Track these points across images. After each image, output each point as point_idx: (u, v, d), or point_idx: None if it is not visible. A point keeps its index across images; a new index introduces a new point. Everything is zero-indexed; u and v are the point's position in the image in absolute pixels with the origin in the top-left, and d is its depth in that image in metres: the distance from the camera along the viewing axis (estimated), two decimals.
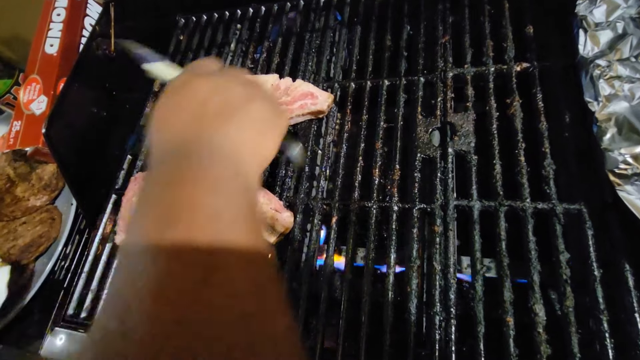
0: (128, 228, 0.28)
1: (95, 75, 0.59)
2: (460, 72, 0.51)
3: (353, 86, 0.56)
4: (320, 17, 0.65)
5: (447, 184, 0.45)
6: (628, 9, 0.40)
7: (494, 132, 0.45)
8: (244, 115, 0.29)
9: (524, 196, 0.41)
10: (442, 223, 0.43)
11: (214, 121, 0.28)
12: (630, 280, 0.35)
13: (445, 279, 0.40)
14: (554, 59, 0.47)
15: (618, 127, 0.37)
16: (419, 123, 0.49)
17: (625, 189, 0.35)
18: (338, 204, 0.48)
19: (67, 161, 0.54)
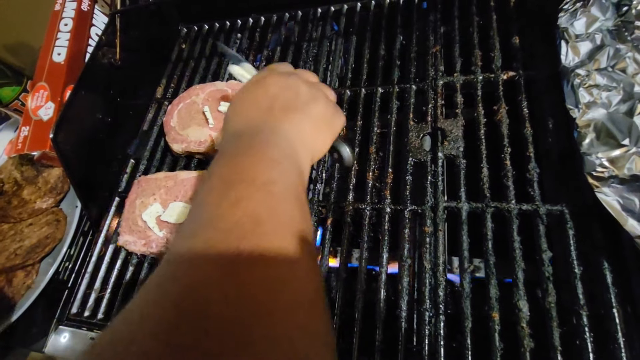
0: (195, 190, 0.34)
1: (101, 83, 0.61)
2: (450, 80, 0.53)
3: (348, 93, 0.58)
4: (317, 27, 0.67)
5: (437, 187, 0.47)
6: (605, 21, 0.43)
7: (482, 137, 0.47)
8: (305, 111, 0.34)
9: (510, 198, 0.43)
10: (432, 224, 0.45)
11: (280, 113, 0.33)
12: (609, 277, 0.37)
13: (434, 277, 0.42)
14: (539, 68, 0.49)
15: (596, 133, 0.39)
16: (410, 129, 0.51)
17: (603, 191, 0.37)
18: (333, 206, 0.50)
19: (73, 165, 0.56)
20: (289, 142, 0.31)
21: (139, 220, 0.55)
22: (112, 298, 0.55)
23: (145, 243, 0.53)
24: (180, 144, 0.60)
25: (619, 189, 0.37)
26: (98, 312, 0.53)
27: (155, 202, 0.55)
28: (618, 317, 0.36)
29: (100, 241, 0.59)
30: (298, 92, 0.35)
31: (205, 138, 0.59)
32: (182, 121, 0.62)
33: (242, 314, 0.19)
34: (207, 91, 0.63)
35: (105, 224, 0.60)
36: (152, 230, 0.53)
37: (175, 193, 0.55)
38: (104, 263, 0.57)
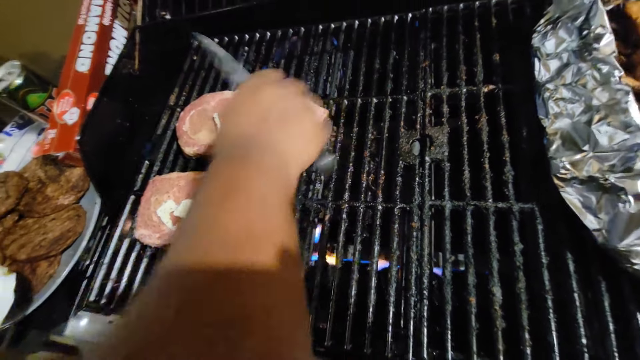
0: (193, 196, 0.36)
1: (121, 91, 0.67)
2: (437, 92, 0.59)
3: (346, 103, 0.64)
4: (318, 42, 0.74)
5: (424, 187, 0.52)
6: (571, 42, 0.48)
7: (464, 143, 0.53)
8: (298, 123, 0.36)
9: (487, 197, 0.49)
10: (419, 220, 0.50)
11: (273, 125, 0.35)
12: (571, 266, 0.42)
13: (420, 267, 0.47)
14: (516, 82, 0.55)
15: (562, 140, 0.45)
16: (401, 135, 0.57)
17: (566, 190, 0.43)
18: (331, 204, 0.55)
19: (94, 165, 0.62)
20: (282, 153, 0.33)
21: (154, 216, 0.60)
22: (127, 287, 0.59)
23: (160, 236, 0.59)
24: (192, 147, 0.66)
25: (579, 188, 0.42)
26: (114, 300, 0.58)
27: (169, 199, 0.61)
28: (579, 301, 0.41)
29: (116, 235, 0.64)
30: (291, 104, 0.37)
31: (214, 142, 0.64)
32: (194, 126, 0.68)
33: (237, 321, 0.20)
34: (217, 99, 0.69)
35: (121, 220, 0.65)
36: (165, 225, 0.59)
37: (187, 191, 0.60)
38: (120, 255, 0.62)
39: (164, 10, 0.74)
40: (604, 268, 0.41)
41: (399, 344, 0.44)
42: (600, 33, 0.44)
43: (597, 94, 0.43)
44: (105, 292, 0.59)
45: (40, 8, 1.11)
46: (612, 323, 0.39)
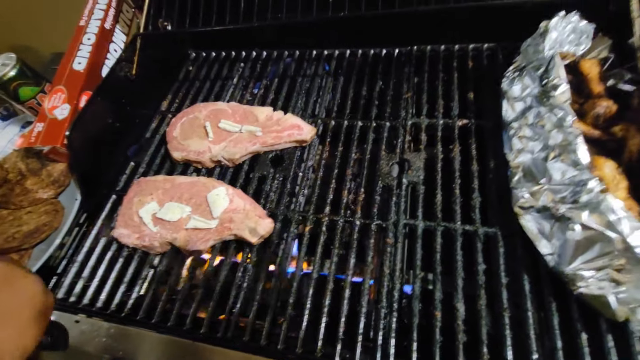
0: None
1: (116, 92, 0.69)
2: (417, 122, 0.64)
3: (333, 123, 0.68)
4: (311, 66, 0.79)
5: (400, 207, 0.56)
6: (533, 89, 0.55)
7: (438, 169, 0.58)
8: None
9: (456, 220, 0.53)
10: (394, 237, 0.54)
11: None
12: (527, 287, 0.46)
13: (391, 281, 0.50)
14: (487, 119, 0.61)
15: (523, 173, 0.50)
16: (382, 157, 0.61)
17: (525, 218, 0.47)
18: (312, 216, 0.58)
19: (80, 161, 0.62)
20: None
21: (135, 216, 0.60)
22: (98, 287, 0.59)
23: (139, 237, 0.59)
24: (181, 152, 0.67)
25: (536, 216, 0.47)
26: (84, 299, 0.57)
27: (153, 200, 0.61)
28: (532, 319, 0.44)
29: (93, 233, 0.63)
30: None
31: (204, 149, 0.66)
32: (184, 133, 0.70)
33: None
34: (209, 109, 0.72)
35: (100, 218, 0.65)
36: (146, 225, 0.59)
37: (172, 194, 0.62)
38: (95, 254, 0.61)
39: (167, 21, 0.77)
40: (555, 290, 0.45)
41: (367, 355, 0.46)
42: (557, 83, 0.50)
43: (553, 134, 0.49)
44: (74, 290, 0.58)
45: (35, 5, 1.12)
46: (560, 340, 0.42)
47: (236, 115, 0.70)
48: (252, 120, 0.68)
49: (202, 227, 0.56)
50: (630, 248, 0.38)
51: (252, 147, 0.65)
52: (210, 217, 0.58)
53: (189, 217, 0.58)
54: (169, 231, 0.58)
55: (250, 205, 0.58)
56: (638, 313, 0.39)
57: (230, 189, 0.60)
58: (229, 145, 0.66)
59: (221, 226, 0.56)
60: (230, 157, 0.65)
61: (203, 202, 0.59)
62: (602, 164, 0.44)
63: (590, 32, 0.57)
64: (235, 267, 0.57)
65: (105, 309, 0.56)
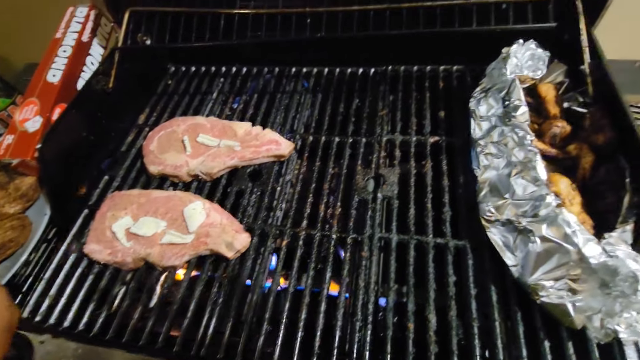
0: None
1: (92, 105, 0.68)
2: (392, 138, 0.67)
3: (311, 139, 0.70)
4: (290, 83, 0.81)
5: (375, 220, 0.57)
6: (497, 109, 0.59)
7: (412, 184, 0.60)
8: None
9: (428, 233, 0.55)
10: (369, 250, 0.55)
11: None
12: (494, 298, 0.48)
13: (366, 294, 0.51)
14: (456, 136, 0.64)
15: (489, 188, 0.53)
16: (358, 172, 0.63)
17: (491, 231, 0.50)
18: (289, 231, 0.58)
19: (51, 175, 0.61)
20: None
21: (108, 231, 0.59)
22: (65, 305, 0.56)
23: (111, 252, 0.57)
24: (157, 166, 0.67)
25: (501, 229, 0.49)
26: (50, 318, 0.55)
27: (127, 215, 0.60)
28: (499, 329, 0.46)
29: (62, 249, 0.61)
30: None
31: (181, 163, 0.66)
32: (162, 146, 0.69)
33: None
34: (188, 123, 0.72)
35: (70, 233, 0.63)
36: (119, 241, 0.58)
37: (147, 209, 0.61)
38: (63, 271, 0.59)
39: (146, 36, 0.77)
40: (520, 299, 0.47)
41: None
42: (518, 105, 0.54)
43: (515, 152, 0.52)
44: (40, 309, 0.56)
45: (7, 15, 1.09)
46: (525, 349, 0.44)
47: (215, 129, 0.70)
48: (230, 135, 0.69)
49: (178, 242, 0.56)
50: (585, 258, 0.41)
51: (230, 162, 0.65)
52: (186, 232, 0.57)
53: (164, 231, 0.58)
54: (143, 246, 0.57)
55: (227, 220, 0.58)
56: (594, 320, 0.42)
57: (207, 203, 0.60)
58: (207, 160, 0.66)
59: (197, 241, 0.56)
60: (208, 171, 0.65)
61: (179, 217, 0.59)
62: (558, 180, 0.48)
63: (546, 58, 0.62)
64: (210, 283, 0.56)
65: (73, 328, 0.54)
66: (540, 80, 0.61)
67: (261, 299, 0.54)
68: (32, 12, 1.07)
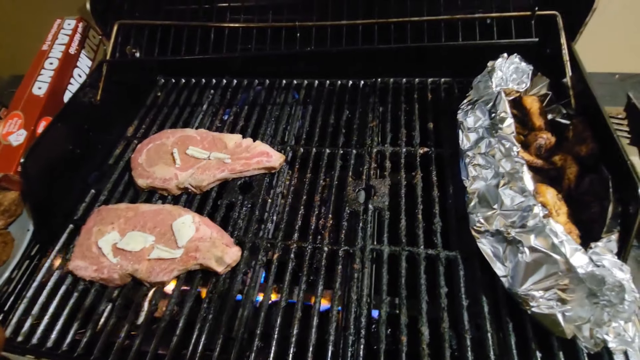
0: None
1: (78, 118, 0.67)
2: (382, 149, 0.67)
3: (302, 150, 0.70)
4: (281, 94, 0.81)
5: (366, 232, 0.57)
6: (484, 121, 0.60)
7: (402, 195, 0.60)
8: None
9: (419, 244, 0.55)
10: (360, 262, 0.55)
11: None
12: (486, 308, 0.48)
13: (359, 307, 0.51)
14: (445, 147, 0.65)
15: (478, 198, 0.54)
16: (349, 184, 0.63)
17: (481, 241, 0.50)
18: (280, 243, 0.58)
19: (35, 190, 0.59)
20: None
21: (94, 247, 0.58)
22: (49, 324, 0.54)
23: (97, 269, 0.56)
24: (146, 179, 0.66)
25: (491, 240, 0.50)
26: (32, 338, 0.53)
27: (114, 230, 0.59)
28: (492, 341, 0.46)
29: (46, 266, 0.59)
30: None
31: (170, 176, 0.65)
32: (150, 159, 0.69)
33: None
34: (177, 135, 0.71)
35: (54, 250, 0.61)
36: (106, 256, 0.56)
37: (134, 223, 0.60)
38: (46, 289, 0.57)
39: (135, 48, 0.77)
40: (511, 310, 0.48)
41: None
42: (504, 117, 0.55)
43: (503, 163, 0.53)
44: (23, 329, 0.54)
45: None
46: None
47: (205, 142, 0.70)
48: (220, 147, 0.69)
49: (166, 257, 0.55)
50: (573, 268, 0.41)
51: (221, 174, 0.65)
52: (175, 247, 0.56)
53: (152, 246, 0.57)
54: (130, 262, 0.55)
55: (217, 234, 0.57)
56: (584, 330, 0.42)
57: (197, 217, 0.59)
58: (197, 172, 0.65)
59: (186, 255, 0.55)
60: (198, 184, 0.64)
61: (168, 231, 0.58)
62: (545, 190, 0.49)
63: (530, 72, 0.63)
64: (200, 298, 0.55)
65: (56, 348, 0.52)
66: (525, 93, 0.63)
67: (252, 313, 0.53)
68: (19, 24, 1.06)
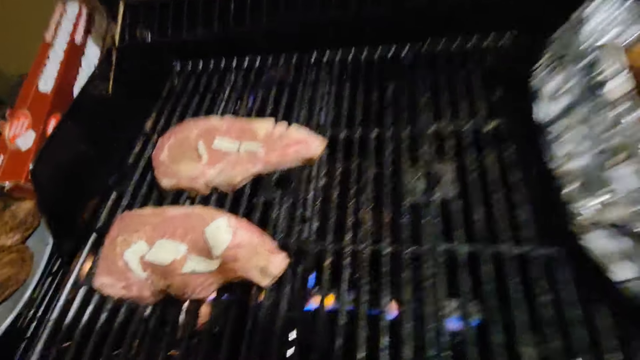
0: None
1: (89, 114, 0.59)
2: (440, 127, 0.57)
3: (344, 135, 0.60)
4: (312, 72, 0.70)
5: (434, 229, 0.48)
6: (576, 84, 0.48)
7: (473, 181, 0.50)
8: None
9: (503, 241, 0.45)
10: (432, 266, 0.45)
11: None
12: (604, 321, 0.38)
13: (437, 322, 0.41)
14: (520, 120, 0.54)
15: (579, 183, 0.43)
16: (405, 171, 0.53)
17: (587, 237, 0.40)
18: (331, 246, 0.49)
19: (49, 198, 0.52)
20: None
21: (120, 260, 0.51)
22: (77, 351, 0.48)
23: (125, 285, 0.49)
24: (171, 179, 0.58)
25: (602, 234, 0.39)
26: None
27: (140, 239, 0.52)
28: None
29: (70, 283, 0.53)
30: None
31: (197, 174, 0.57)
32: (173, 156, 0.60)
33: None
34: (201, 126, 0.63)
35: (77, 264, 0.55)
36: (133, 271, 0.49)
37: (163, 230, 0.52)
38: (72, 309, 0.51)
39: (146, 30, 0.68)
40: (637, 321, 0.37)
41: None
42: (605, 77, 0.43)
43: (609, 135, 0.42)
44: (49, 358, 0.48)
45: None
46: None
47: (232, 131, 0.61)
48: (250, 137, 0.60)
49: (202, 270, 0.47)
50: None
51: (254, 169, 0.56)
52: (211, 256, 0.48)
53: (184, 257, 0.49)
54: (162, 277, 0.48)
55: (258, 238, 0.49)
56: None
57: (233, 219, 0.51)
58: (227, 168, 0.57)
59: (224, 267, 0.47)
60: (229, 181, 0.56)
61: (200, 238, 0.50)
62: None
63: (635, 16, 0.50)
64: (243, 307, 0.48)
65: None
66: (631, 46, 0.50)
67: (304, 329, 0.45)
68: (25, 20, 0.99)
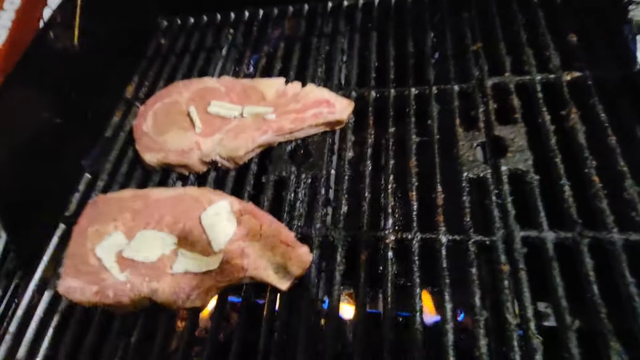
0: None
1: (50, 73, 0.47)
2: (500, 81, 0.44)
3: (374, 95, 0.47)
4: (328, 22, 0.58)
5: (506, 210, 0.36)
6: None
7: (554, 147, 0.38)
8: None
9: (605, 225, 0.33)
10: (508, 260, 0.33)
11: None
12: None
13: (525, 337, 0.30)
14: (608, 68, 0.41)
15: None
16: (459, 137, 0.41)
17: None
18: (366, 235, 0.37)
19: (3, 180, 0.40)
20: None
21: (91, 257, 0.39)
22: None
23: (98, 290, 0.37)
24: (156, 154, 0.46)
25: None
26: None
27: (117, 230, 0.40)
28: None
29: (32, 286, 0.42)
30: None
31: (190, 146, 0.45)
32: (159, 125, 0.48)
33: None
34: (193, 89, 0.50)
35: (41, 262, 0.43)
36: (109, 271, 0.38)
37: (146, 218, 0.40)
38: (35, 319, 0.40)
39: None
40: None
41: None
42: None
43: None
44: None
45: None
46: None
47: (232, 93, 0.48)
48: (257, 99, 0.47)
49: (197, 269, 0.35)
50: None
51: (262, 138, 0.44)
52: (209, 251, 0.36)
53: (174, 252, 0.37)
54: (145, 279, 0.36)
55: (270, 227, 0.37)
56: None
57: (237, 202, 0.39)
58: (227, 137, 0.44)
59: (228, 265, 0.35)
60: (231, 154, 0.43)
61: (195, 227, 0.38)
62: None
63: None
64: (257, 311, 0.36)
65: None
66: None
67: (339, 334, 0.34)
68: None
